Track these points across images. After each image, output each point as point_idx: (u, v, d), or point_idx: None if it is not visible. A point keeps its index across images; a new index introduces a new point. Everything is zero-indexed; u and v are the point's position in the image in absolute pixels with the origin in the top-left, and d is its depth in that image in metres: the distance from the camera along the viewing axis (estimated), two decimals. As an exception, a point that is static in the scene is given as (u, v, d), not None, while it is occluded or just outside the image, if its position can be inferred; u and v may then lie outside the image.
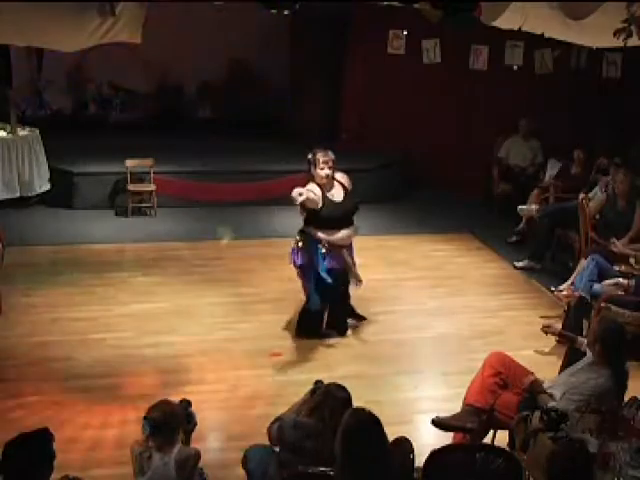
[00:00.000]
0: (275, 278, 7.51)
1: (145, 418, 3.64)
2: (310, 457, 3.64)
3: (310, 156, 6.10)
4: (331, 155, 6.08)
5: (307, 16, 9.46)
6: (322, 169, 6.03)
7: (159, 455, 3.56)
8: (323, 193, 6.05)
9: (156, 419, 3.61)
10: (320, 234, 6.07)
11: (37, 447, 3.22)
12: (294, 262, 6.19)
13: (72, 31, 5.74)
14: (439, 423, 4.60)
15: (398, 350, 6.29)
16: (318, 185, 6.06)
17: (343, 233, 6.14)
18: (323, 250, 6.08)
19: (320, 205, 6.02)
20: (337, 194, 6.15)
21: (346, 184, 6.25)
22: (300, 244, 6.12)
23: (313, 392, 4.02)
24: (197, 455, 3.68)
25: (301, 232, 6.19)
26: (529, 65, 9.01)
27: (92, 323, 6.46)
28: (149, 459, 3.56)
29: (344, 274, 6.28)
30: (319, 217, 6.06)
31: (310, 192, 5.90)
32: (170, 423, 3.63)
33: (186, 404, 3.86)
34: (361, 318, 6.71)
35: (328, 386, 3.92)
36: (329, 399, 3.79)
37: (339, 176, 6.25)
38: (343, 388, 3.86)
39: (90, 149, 10.19)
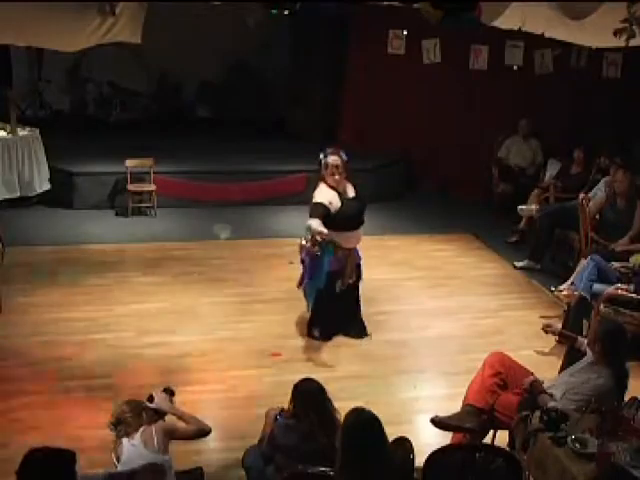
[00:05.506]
0: (275, 278, 7.51)
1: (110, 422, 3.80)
2: (308, 458, 3.63)
3: (321, 156, 5.96)
4: (342, 158, 5.92)
5: (307, 16, 9.47)
6: (332, 174, 5.87)
7: (126, 439, 3.67)
8: (338, 192, 5.91)
9: (113, 416, 3.78)
10: (336, 237, 5.84)
11: (57, 468, 3.12)
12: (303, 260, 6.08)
13: (72, 31, 5.74)
14: (438, 422, 4.59)
15: (398, 350, 6.29)
16: (329, 186, 5.92)
17: (356, 233, 6.05)
18: (337, 253, 5.96)
19: (339, 205, 5.86)
20: (350, 191, 6.03)
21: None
22: (309, 244, 5.76)
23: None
24: (159, 428, 3.71)
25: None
26: (529, 65, 9.01)
27: (92, 323, 6.46)
28: (119, 446, 3.67)
29: (341, 277, 6.12)
30: (341, 217, 5.83)
31: (320, 233, 5.53)
32: (127, 414, 3.75)
33: (149, 400, 3.89)
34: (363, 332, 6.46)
35: (295, 386, 3.95)
36: (299, 399, 3.85)
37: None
38: (309, 380, 3.92)
39: (90, 149, 10.20)
